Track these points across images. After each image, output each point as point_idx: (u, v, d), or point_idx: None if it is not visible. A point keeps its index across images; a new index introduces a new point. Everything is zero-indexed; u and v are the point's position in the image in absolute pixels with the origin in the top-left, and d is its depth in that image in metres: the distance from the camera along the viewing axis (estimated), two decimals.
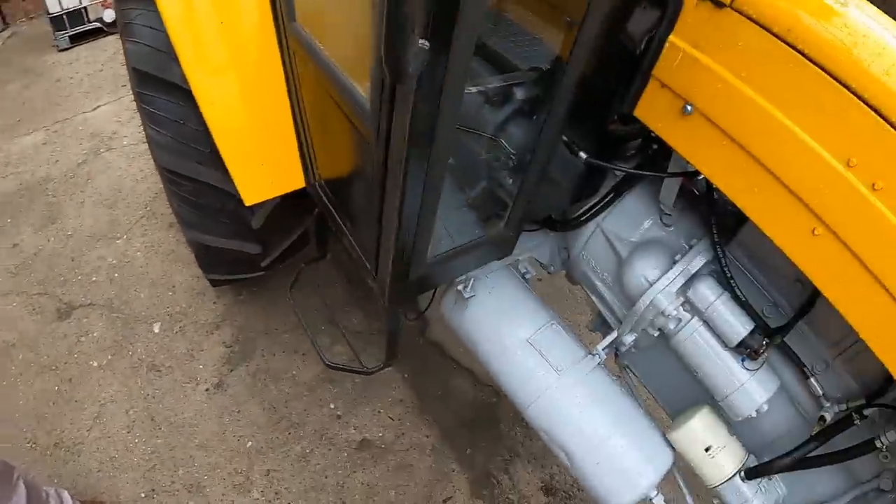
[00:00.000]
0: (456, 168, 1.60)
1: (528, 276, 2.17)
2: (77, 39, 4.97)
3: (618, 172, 1.76)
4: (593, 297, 1.99)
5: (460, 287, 1.97)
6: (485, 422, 2.85)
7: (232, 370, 2.87)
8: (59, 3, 4.73)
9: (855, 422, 1.44)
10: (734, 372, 1.60)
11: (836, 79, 1.06)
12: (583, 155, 1.47)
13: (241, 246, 2.43)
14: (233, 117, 1.82)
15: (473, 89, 1.49)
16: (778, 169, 1.16)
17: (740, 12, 1.15)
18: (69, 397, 2.76)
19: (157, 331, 2.98)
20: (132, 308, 3.06)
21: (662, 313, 1.67)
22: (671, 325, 1.70)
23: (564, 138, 1.47)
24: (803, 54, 1.08)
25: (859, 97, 1.04)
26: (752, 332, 1.54)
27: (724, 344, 1.61)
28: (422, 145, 1.08)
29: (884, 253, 1.09)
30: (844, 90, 1.05)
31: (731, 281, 1.55)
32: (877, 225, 1.07)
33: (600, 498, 1.81)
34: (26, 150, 3.91)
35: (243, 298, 3.12)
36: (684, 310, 1.66)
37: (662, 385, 2.02)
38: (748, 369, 1.59)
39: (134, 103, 3.80)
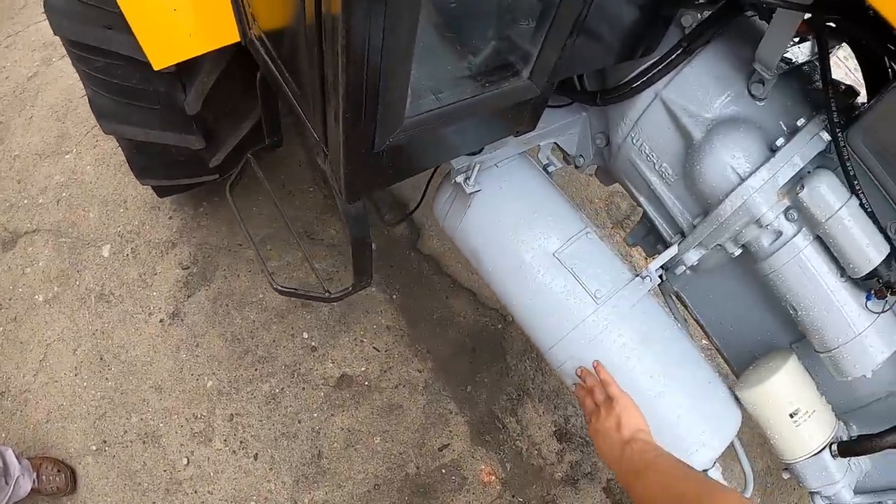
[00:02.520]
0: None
1: (550, 170, 1.62)
2: None
3: (687, 20, 1.23)
4: (641, 198, 1.46)
5: (460, 178, 1.43)
6: (488, 353, 2.36)
7: (189, 296, 2.45)
8: None
9: None
10: (852, 315, 1.17)
11: None
12: None
13: (178, 140, 1.93)
14: None
15: None
16: None
17: None
18: (14, 338, 2.43)
19: (106, 255, 2.58)
20: (80, 231, 2.66)
21: (758, 222, 1.20)
22: (765, 241, 1.22)
23: None
24: None
25: None
26: (888, 259, 1.10)
27: (844, 273, 1.18)
28: None
29: None
30: None
31: (856, 183, 1.08)
32: None
33: None
34: None
35: (203, 210, 2.65)
36: (788, 219, 1.18)
37: (728, 323, 1.52)
38: (873, 311, 1.15)
39: None
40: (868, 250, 1.09)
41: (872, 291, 1.15)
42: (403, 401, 2.23)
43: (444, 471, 2.12)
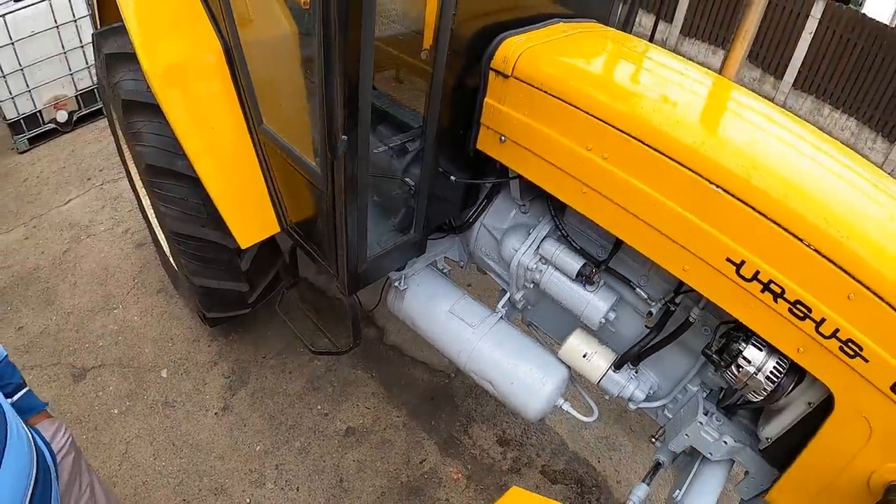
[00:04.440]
0: (380, 200, 2.73)
1: (445, 271, 3.28)
2: (35, 141, 6.00)
3: (487, 184, 2.90)
4: (490, 274, 3.11)
5: (396, 283, 3.07)
6: (442, 398, 3.90)
7: (234, 394, 3.85)
8: (16, 108, 5.74)
9: (672, 309, 2.34)
10: (580, 294, 2.59)
11: (569, 103, 2.18)
12: (452, 178, 2.59)
13: (234, 286, 3.47)
14: (227, 188, 2.88)
15: (381, 149, 2.65)
16: (555, 160, 2.29)
17: (517, 78, 2.31)
18: (97, 442, 3.62)
19: (164, 375, 3.95)
20: (140, 361, 4.02)
21: (527, 269, 2.73)
22: (537, 276, 2.73)
23: (441, 169, 2.57)
24: (551, 94, 2.23)
25: (583, 109, 2.15)
26: (584, 265, 2.55)
27: (570, 278, 2.62)
28: (351, 189, 2.20)
29: (628, 193, 2.10)
30: (573, 108, 2.17)
31: (567, 238, 2.63)
32: (613, 178, 2.12)
33: (519, 408, 2.81)
34: (10, 245, 4.84)
35: (233, 338, 4.12)
36: (542, 263, 2.71)
37: (555, 326, 3.07)
38: (589, 291, 2.59)
39: (102, 194, 4.98)
40: (572, 264, 2.52)
41: (583, 282, 2.56)
42: (391, 437, 3.68)
43: (426, 476, 3.54)
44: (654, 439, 2.76)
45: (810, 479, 2.06)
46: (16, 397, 2.17)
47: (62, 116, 6.01)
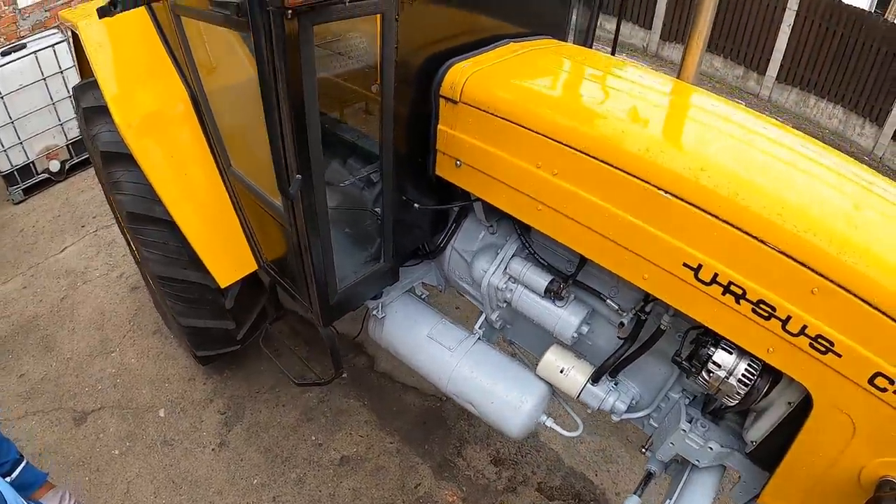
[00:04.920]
0: (351, 231, 2.78)
1: (423, 296, 3.33)
2: (30, 191, 6.16)
3: (454, 208, 2.93)
4: (466, 296, 3.15)
5: (374, 312, 3.12)
6: (434, 422, 3.94)
7: (230, 430, 3.91)
8: (9, 160, 5.89)
9: (643, 318, 2.34)
10: (551, 310, 2.63)
11: (516, 123, 2.24)
12: (416, 205, 2.65)
13: (220, 324, 3.56)
14: (203, 231, 2.97)
15: (347, 182, 2.70)
16: (508, 180, 2.35)
17: (465, 103, 2.38)
18: (99, 482, 3.69)
19: (162, 415, 4.01)
20: (138, 402, 4.09)
21: (498, 289, 2.78)
22: (508, 295, 2.77)
23: (405, 197, 2.63)
24: (498, 115, 2.29)
25: (529, 128, 2.21)
26: (551, 281, 2.58)
27: (539, 295, 2.65)
28: (311, 224, 2.25)
29: (580, 207, 2.14)
30: (521, 127, 2.23)
31: (535, 255, 2.67)
32: (564, 193, 2.17)
33: (502, 427, 2.84)
34: (9, 295, 4.96)
35: (227, 375, 4.20)
36: (511, 282, 2.76)
37: (534, 343, 3.10)
38: (559, 306, 2.62)
39: (96, 240, 5.06)
40: (540, 281, 2.57)
41: (552, 298, 2.59)
42: (385, 463, 3.71)
43: (421, 501, 3.56)
44: (644, 449, 2.78)
45: (799, 480, 2.03)
46: (14, 474, 2.17)
47: (55, 166, 6.15)
